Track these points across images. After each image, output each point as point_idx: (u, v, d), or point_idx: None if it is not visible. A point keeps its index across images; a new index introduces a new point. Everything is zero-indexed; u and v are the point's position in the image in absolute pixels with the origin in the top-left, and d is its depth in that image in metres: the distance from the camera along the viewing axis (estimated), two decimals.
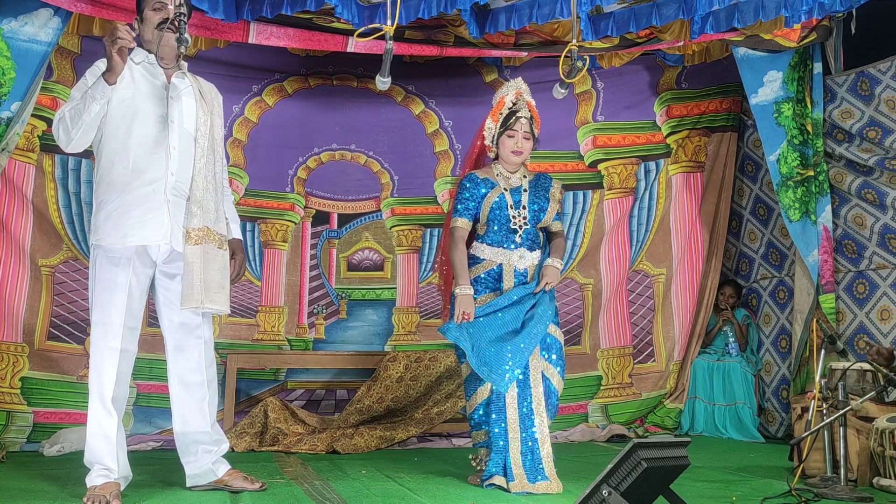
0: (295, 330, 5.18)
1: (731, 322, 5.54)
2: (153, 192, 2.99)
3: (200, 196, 3.00)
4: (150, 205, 2.98)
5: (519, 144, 3.50)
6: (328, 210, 5.33)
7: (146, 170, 2.99)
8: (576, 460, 4.18)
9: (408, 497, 3.11)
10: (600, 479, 2.22)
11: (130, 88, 3.01)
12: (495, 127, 3.54)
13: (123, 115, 2.99)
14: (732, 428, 5.24)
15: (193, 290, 2.93)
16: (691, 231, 5.64)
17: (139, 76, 3.05)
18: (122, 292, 2.96)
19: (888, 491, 3.26)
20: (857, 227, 4.79)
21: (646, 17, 4.23)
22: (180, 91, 3.08)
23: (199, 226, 2.98)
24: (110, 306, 2.96)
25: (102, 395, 2.95)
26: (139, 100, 3.01)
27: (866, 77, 4.71)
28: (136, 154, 2.99)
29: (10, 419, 4.40)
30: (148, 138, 3.00)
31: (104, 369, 2.96)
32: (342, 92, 5.31)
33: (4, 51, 3.95)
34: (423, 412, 4.93)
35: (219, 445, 3.19)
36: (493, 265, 3.49)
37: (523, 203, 3.51)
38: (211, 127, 3.09)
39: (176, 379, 3.14)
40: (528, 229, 3.50)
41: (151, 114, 3.02)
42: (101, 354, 2.96)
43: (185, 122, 3.05)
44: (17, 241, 4.51)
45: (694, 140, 5.63)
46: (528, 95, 3.57)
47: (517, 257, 3.48)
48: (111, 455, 2.94)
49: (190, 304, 2.94)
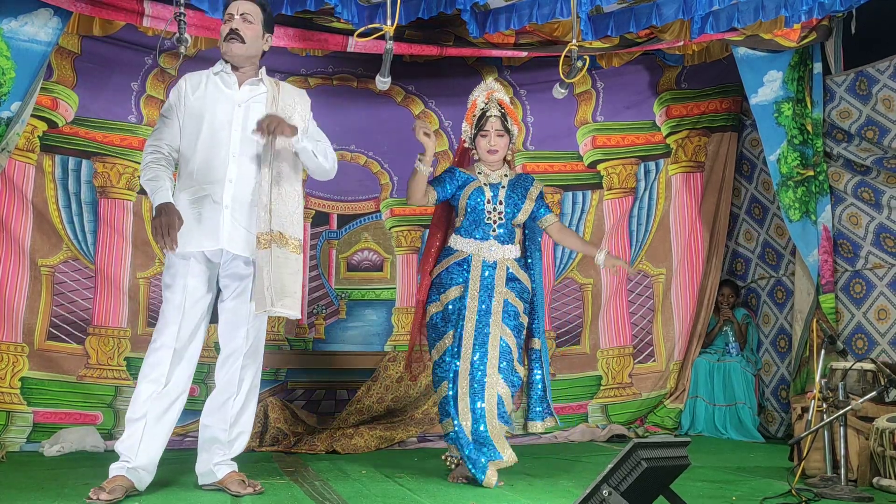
0: (295, 330, 5.18)
1: (732, 322, 5.55)
2: (210, 198, 3.04)
3: (267, 201, 3.05)
4: (206, 210, 3.04)
5: (492, 143, 3.59)
6: (328, 211, 5.33)
7: (205, 175, 3.06)
8: (576, 460, 4.18)
9: (408, 497, 3.11)
10: (600, 479, 2.22)
11: (201, 99, 3.10)
12: (470, 129, 3.66)
13: (192, 125, 3.09)
14: (732, 428, 5.25)
15: (264, 293, 2.99)
16: (691, 231, 5.64)
17: (212, 86, 3.13)
18: (180, 293, 3.04)
19: (888, 491, 3.26)
20: (851, 226, 4.80)
21: (646, 17, 4.24)
22: (249, 98, 3.15)
23: (267, 230, 3.03)
24: (168, 305, 3.05)
25: (144, 386, 3.00)
26: (207, 109, 3.09)
27: (865, 77, 4.71)
28: (199, 161, 3.07)
29: (10, 419, 4.40)
30: (209, 144, 3.07)
31: (150, 363, 3.02)
32: (342, 92, 5.31)
33: (4, 51, 3.95)
34: (423, 412, 4.93)
35: (232, 446, 3.20)
36: (463, 255, 3.56)
37: (500, 199, 3.58)
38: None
39: (216, 374, 3.21)
40: (501, 223, 3.57)
41: (216, 121, 3.09)
42: (152, 348, 3.04)
43: (251, 129, 3.07)
44: (17, 241, 4.51)
45: (694, 140, 5.64)
46: (501, 94, 3.65)
47: (486, 248, 3.55)
48: (133, 442, 2.97)
49: (262, 308, 3.01)
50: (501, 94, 3.65)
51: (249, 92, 3.16)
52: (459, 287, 3.53)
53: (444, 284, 3.55)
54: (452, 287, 3.54)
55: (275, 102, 3.14)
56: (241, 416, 3.21)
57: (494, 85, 3.66)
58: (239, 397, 3.18)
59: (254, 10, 3.15)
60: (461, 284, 3.53)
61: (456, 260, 3.57)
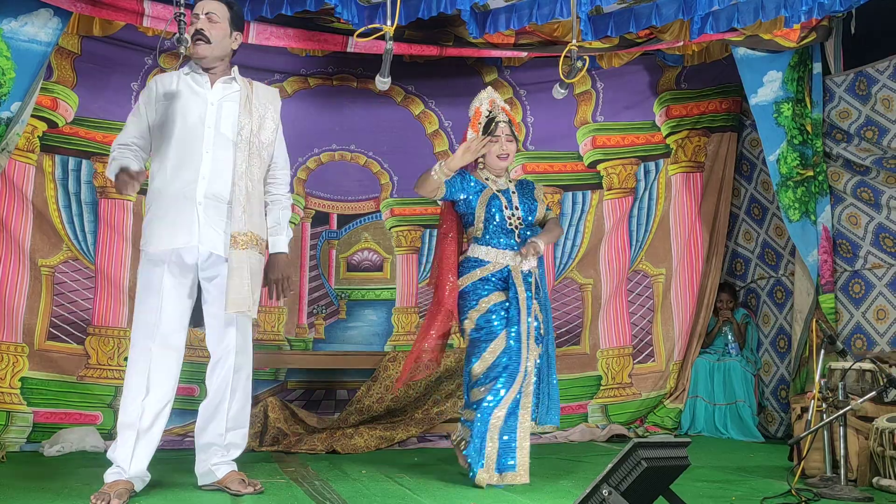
0: (295, 330, 5.18)
1: (731, 322, 5.55)
2: (184, 196, 3.02)
3: (244, 201, 3.04)
4: (181, 208, 3.02)
5: (504, 148, 3.59)
6: (328, 211, 5.33)
7: (179, 174, 3.04)
8: (576, 460, 4.18)
9: (408, 497, 3.11)
10: (600, 479, 2.22)
11: (173, 99, 3.08)
12: (477, 136, 3.62)
13: (164, 123, 3.07)
14: (733, 427, 5.25)
15: (241, 294, 2.97)
16: (691, 231, 5.64)
17: (184, 86, 3.11)
18: (156, 295, 3.01)
19: (888, 491, 3.26)
20: (850, 226, 4.80)
21: (645, 18, 4.24)
22: (222, 96, 3.13)
23: (245, 230, 3.02)
24: (145, 308, 3.03)
25: (131, 392, 2.99)
26: (178, 107, 3.07)
27: (864, 77, 4.72)
28: (172, 160, 3.05)
29: (10, 419, 4.40)
30: (183, 144, 3.05)
31: (135, 368, 3.00)
32: (342, 92, 5.31)
33: (4, 51, 3.96)
34: (423, 412, 4.93)
35: (229, 450, 3.19)
36: (499, 266, 3.50)
37: (515, 203, 3.58)
38: (257, 131, 3.13)
39: (207, 379, 3.18)
40: (522, 229, 3.55)
41: (188, 120, 3.07)
42: (134, 353, 3.02)
43: (223, 127, 3.08)
44: (17, 241, 4.51)
45: (693, 140, 5.64)
46: (501, 102, 3.69)
47: (521, 260, 3.51)
48: (126, 453, 2.97)
49: (235, 309, 2.99)
50: (502, 102, 3.69)
51: (223, 90, 3.14)
52: (499, 293, 3.47)
53: (481, 292, 3.48)
54: (493, 293, 3.47)
55: (248, 102, 3.13)
56: (238, 418, 3.19)
57: (495, 94, 3.69)
58: (234, 400, 3.16)
59: (219, 8, 3.12)
60: (500, 290, 3.47)
61: (490, 272, 3.50)
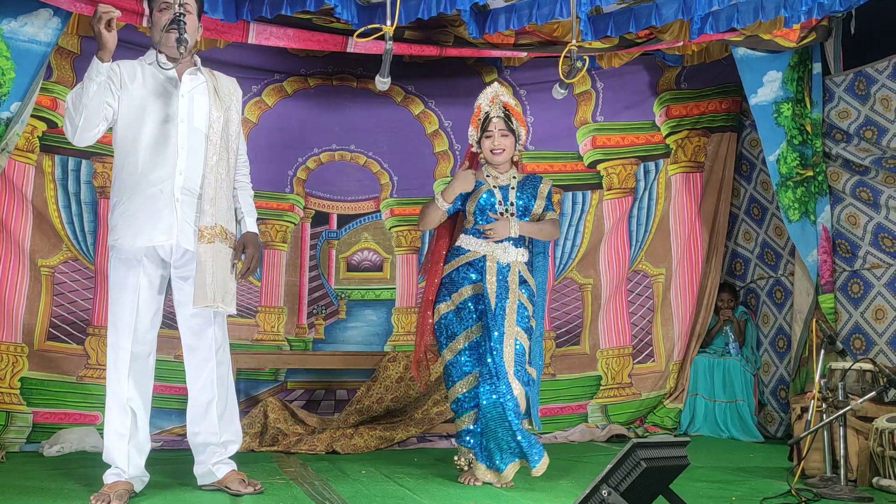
0: (294, 330, 5.18)
1: (731, 321, 5.55)
2: (160, 192, 2.97)
3: (213, 194, 3.00)
4: (157, 205, 2.97)
5: (496, 142, 3.62)
6: (327, 211, 5.33)
7: (153, 169, 2.98)
8: (576, 460, 4.18)
9: (408, 497, 3.11)
10: (600, 479, 2.22)
11: (140, 89, 3.01)
12: (476, 133, 3.69)
13: (133, 115, 3.00)
14: (733, 425, 5.25)
15: (206, 288, 2.92)
16: (691, 231, 5.64)
17: (149, 76, 3.05)
18: (132, 293, 2.98)
19: (888, 491, 3.27)
20: (850, 226, 4.80)
21: (645, 18, 4.24)
22: (191, 88, 3.08)
23: (212, 224, 2.98)
24: (120, 307, 3.00)
25: (116, 394, 2.98)
26: (148, 100, 3.01)
27: (863, 77, 4.72)
28: (144, 154, 2.98)
29: (10, 419, 4.39)
30: (155, 138, 2.99)
31: (116, 369, 2.99)
32: (342, 92, 5.31)
33: (4, 51, 3.95)
34: (423, 412, 4.93)
35: (226, 447, 3.17)
36: (476, 255, 3.56)
37: (511, 199, 3.61)
38: (226, 123, 3.09)
39: (189, 379, 3.14)
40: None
41: (159, 113, 3.01)
42: (113, 354, 3.01)
43: (196, 120, 3.04)
44: (17, 241, 4.51)
45: (693, 140, 5.64)
46: (506, 96, 3.69)
47: (501, 249, 3.54)
48: (123, 455, 2.96)
49: (203, 303, 2.94)
50: (506, 97, 3.69)
51: (190, 82, 3.09)
52: (472, 286, 3.54)
53: (456, 283, 3.57)
54: (465, 286, 3.55)
55: (216, 94, 3.09)
56: (229, 414, 3.18)
57: (499, 89, 3.70)
58: (220, 398, 3.13)
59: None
60: (474, 284, 3.54)
61: (468, 260, 3.57)
